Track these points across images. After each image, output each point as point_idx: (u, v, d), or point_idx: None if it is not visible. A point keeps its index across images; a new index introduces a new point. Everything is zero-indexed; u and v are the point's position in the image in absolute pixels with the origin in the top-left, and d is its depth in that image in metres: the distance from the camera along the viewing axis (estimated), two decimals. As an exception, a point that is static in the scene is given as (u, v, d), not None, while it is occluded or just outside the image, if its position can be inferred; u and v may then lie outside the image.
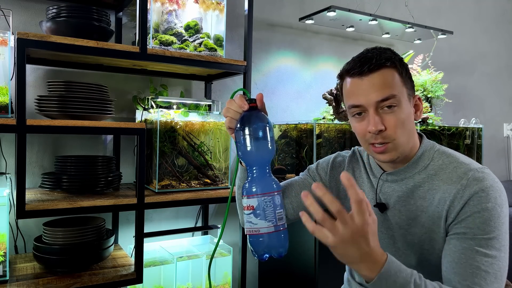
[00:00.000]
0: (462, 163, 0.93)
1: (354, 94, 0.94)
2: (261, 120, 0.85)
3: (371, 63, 0.92)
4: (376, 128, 0.91)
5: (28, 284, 1.33)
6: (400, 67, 0.94)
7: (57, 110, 1.41)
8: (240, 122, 0.86)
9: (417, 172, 0.97)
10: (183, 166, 1.69)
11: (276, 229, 0.80)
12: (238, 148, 0.85)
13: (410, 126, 0.95)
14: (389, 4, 2.77)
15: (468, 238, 0.85)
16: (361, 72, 0.92)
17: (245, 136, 0.84)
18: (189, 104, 1.78)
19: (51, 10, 1.49)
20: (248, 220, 0.81)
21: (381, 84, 0.91)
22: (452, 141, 2.36)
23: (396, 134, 0.92)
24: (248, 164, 0.85)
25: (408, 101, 0.94)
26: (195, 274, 1.72)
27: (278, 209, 0.81)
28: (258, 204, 0.80)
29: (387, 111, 0.92)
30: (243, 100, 0.87)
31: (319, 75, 2.51)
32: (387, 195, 1.01)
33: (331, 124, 1.96)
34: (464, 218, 0.86)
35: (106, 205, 1.41)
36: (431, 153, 0.98)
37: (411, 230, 0.96)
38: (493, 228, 0.84)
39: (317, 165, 1.18)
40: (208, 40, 1.70)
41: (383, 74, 0.92)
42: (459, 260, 0.84)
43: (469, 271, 0.82)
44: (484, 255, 0.83)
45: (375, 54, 0.93)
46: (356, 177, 1.09)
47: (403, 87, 0.93)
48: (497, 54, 3.50)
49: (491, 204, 0.85)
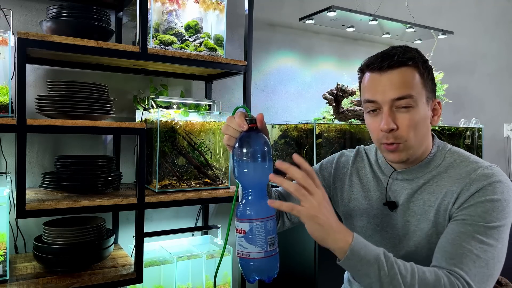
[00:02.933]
0: (473, 161, 0.93)
1: (371, 89, 0.93)
2: (260, 143, 0.82)
3: (393, 59, 0.90)
4: (388, 127, 0.90)
5: (28, 284, 1.33)
6: (423, 68, 0.92)
7: (57, 110, 1.41)
8: (238, 142, 0.83)
9: (429, 172, 0.97)
10: (183, 166, 1.69)
11: (266, 255, 0.79)
12: (234, 168, 0.82)
13: (424, 129, 0.93)
14: (389, 4, 2.76)
15: (467, 223, 0.84)
16: (381, 68, 0.91)
17: (241, 158, 0.80)
18: (189, 104, 1.78)
19: (51, 10, 1.49)
20: (239, 243, 0.80)
21: (400, 83, 0.90)
22: (452, 141, 2.36)
23: (409, 135, 0.91)
24: (243, 186, 0.82)
25: (426, 103, 0.93)
26: (195, 274, 1.72)
27: (270, 235, 0.79)
28: (250, 228, 0.78)
29: (402, 111, 0.91)
30: (243, 119, 0.83)
31: (319, 75, 2.51)
32: (396, 193, 1.00)
33: (331, 124, 1.96)
34: (467, 207, 0.86)
35: (106, 205, 1.41)
36: (443, 153, 0.98)
37: (419, 226, 0.95)
38: (495, 219, 0.83)
39: (321, 165, 1.17)
40: (208, 40, 1.70)
41: (403, 72, 0.90)
42: (453, 241, 0.83)
43: (460, 252, 0.81)
44: (480, 242, 0.82)
45: (399, 52, 0.91)
46: (361, 176, 1.09)
47: (423, 89, 0.92)
48: (497, 54, 3.50)
49: (496, 196, 0.85)
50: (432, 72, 0.96)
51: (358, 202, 1.06)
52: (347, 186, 1.10)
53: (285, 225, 1.12)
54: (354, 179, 1.09)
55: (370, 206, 1.04)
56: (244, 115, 0.85)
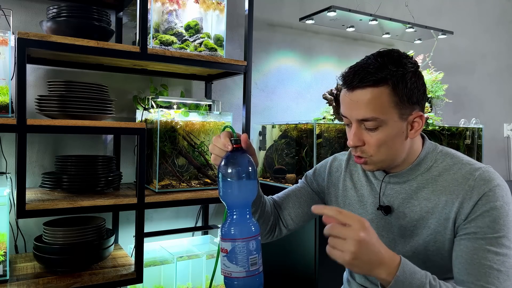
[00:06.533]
0: (466, 163, 0.93)
1: (343, 105, 0.94)
2: (243, 163, 0.83)
3: (363, 78, 0.86)
4: (354, 144, 0.92)
5: (28, 284, 1.33)
6: (398, 83, 0.86)
7: (58, 110, 1.41)
8: (223, 162, 0.84)
9: (420, 174, 0.97)
10: (183, 166, 1.69)
11: (248, 274, 0.79)
12: (218, 187, 0.84)
13: (396, 145, 0.91)
14: (389, 4, 2.77)
15: (479, 238, 0.85)
16: (350, 85, 0.89)
17: (225, 177, 0.82)
18: (189, 104, 1.78)
19: (51, 10, 1.49)
20: (223, 262, 0.81)
21: (366, 105, 0.87)
22: (452, 141, 2.36)
23: (374, 152, 0.92)
24: (227, 205, 0.84)
25: (399, 121, 0.89)
26: (195, 274, 1.72)
27: (252, 255, 0.80)
28: (231, 248, 0.79)
29: (370, 129, 0.90)
30: (228, 140, 0.85)
31: (319, 75, 2.51)
32: (390, 197, 1.00)
33: (331, 124, 1.96)
34: (474, 218, 0.87)
35: (106, 205, 1.41)
36: (434, 154, 0.98)
37: (416, 232, 0.95)
38: (502, 227, 0.85)
39: (314, 171, 1.18)
40: (209, 40, 1.71)
41: (370, 93, 0.87)
42: (472, 261, 0.84)
43: (482, 271, 0.83)
44: (495, 254, 0.83)
45: (374, 67, 0.87)
46: (355, 181, 1.08)
47: (394, 109, 0.87)
48: (497, 54, 3.50)
49: (499, 202, 0.86)
50: (415, 81, 0.89)
51: (352, 207, 1.07)
52: (341, 191, 1.10)
53: (282, 233, 1.13)
54: (348, 183, 1.09)
55: (365, 210, 1.04)
56: (229, 135, 0.86)
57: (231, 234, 0.80)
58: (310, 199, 1.13)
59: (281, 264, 1.95)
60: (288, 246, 1.86)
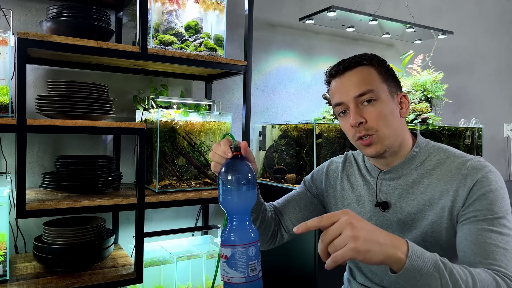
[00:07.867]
0: (459, 156, 0.97)
1: (336, 93, 1.00)
2: (243, 171, 0.84)
3: (348, 63, 0.98)
4: (356, 120, 0.95)
5: (28, 284, 1.33)
6: (378, 65, 0.98)
7: (58, 110, 1.41)
8: (223, 169, 0.85)
9: (414, 168, 0.99)
10: (183, 166, 1.69)
11: (247, 280, 0.80)
12: (218, 194, 0.85)
13: (394, 121, 0.97)
14: (389, 4, 2.77)
15: (480, 220, 0.86)
16: (339, 72, 0.99)
17: (225, 184, 0.83)
18: (189, 104, 1.78)
19: (51, 10, 1.49)
20: (222, 267, 0.82)
21: (358, 80, 0.96)
22: (452, 141, 2.36)
23: (378, 126, 0.95)
24: (227, 212, 0.85)
25: (390, 97, 0.98)
26: (195, 274, 1.72)
27: (251, 260, 0.81)
28: (231, 254, 0.80)
29: (367, 105, 0.96)
30: (228, 147, 0.86)
31: (319, 75, 2.51)
32: (387, 193, 1.02)
33: (331, 124, 1.96)
34: (472, 203, 0.89)
35: (106, 205, 1.41)
36: (427, 149, 1.01)
37: (414, 225, 0.97)
38: (500, 208, 0.87)
39: (312, 175, 1.20)
40: (208, 40, 1.71)
41: (359, 71, 0.97)
42: (477, 241, 0.85)
43: (489, 250, 0.83)
44: (499, 233, 0.84)
45: (355, 56, 1.00)
46: (352, 181, 1.11)
47: (383, 84, 0.97)
48: (497, 54, 3.50)
49: (493, 186, 0.89)
50: (391, 69, 1.02)
51: (351, 207, 1.08)
52: (339, 192, 1.12)
53: (284, 239, 1.13)
54: (345, 184, 1.12)
55: (363, 209, 1.06)
56: (229, 142, 0.88)
57: (230, 240, 0.81)
58: (310, 203, 1.15)
59: (281, 264, 1.94)
60: (288, 247, 1.86)
